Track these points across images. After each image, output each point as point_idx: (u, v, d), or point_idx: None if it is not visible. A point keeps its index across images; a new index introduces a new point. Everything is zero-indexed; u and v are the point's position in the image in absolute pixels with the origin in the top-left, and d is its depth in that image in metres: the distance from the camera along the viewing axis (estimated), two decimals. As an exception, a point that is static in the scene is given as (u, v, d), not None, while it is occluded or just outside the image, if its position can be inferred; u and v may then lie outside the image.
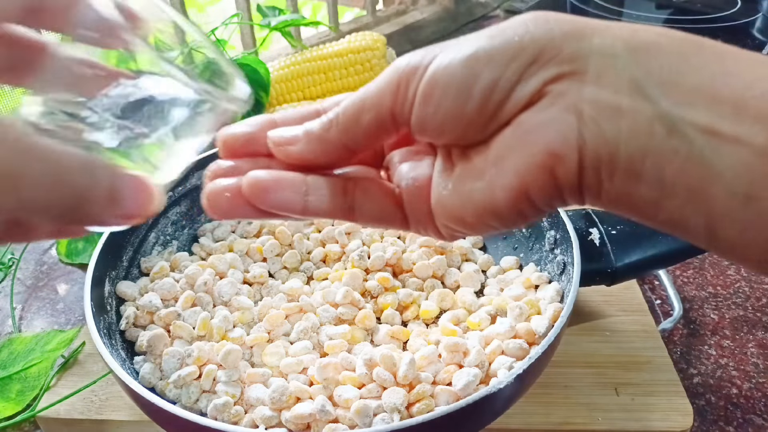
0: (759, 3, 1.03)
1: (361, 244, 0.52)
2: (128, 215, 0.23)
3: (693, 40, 0.22)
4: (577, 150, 0.22)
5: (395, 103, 0.25)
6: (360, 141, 0.26)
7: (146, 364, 0.42)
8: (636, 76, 0.21)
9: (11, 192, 0.20)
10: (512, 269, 0.51)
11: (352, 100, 0.26)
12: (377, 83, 0.25)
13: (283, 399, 0.38)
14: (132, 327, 0.45)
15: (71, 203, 0.21)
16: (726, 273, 0.59)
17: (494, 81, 0.23)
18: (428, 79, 0.24)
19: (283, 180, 0.27)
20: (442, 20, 1.17)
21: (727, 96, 0.20)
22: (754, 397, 0.47)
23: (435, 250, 0.52)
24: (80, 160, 0.21)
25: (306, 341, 0.44)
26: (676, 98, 0.21)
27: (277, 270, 0.52)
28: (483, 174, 0.24)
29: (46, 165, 0.20)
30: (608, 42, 0.22)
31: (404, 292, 0.48)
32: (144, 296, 0.46)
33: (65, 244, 0.64)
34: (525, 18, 0.23)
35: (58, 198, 0.21)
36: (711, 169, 0.20)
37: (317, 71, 0.79)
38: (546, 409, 0.43)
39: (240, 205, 0.27)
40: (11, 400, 0.46)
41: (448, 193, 0.26)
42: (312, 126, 0.27)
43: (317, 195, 0.27)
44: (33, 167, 0.20)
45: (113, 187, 0.22)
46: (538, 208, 0.24)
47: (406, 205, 0.28)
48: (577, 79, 0.22)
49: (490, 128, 0.24)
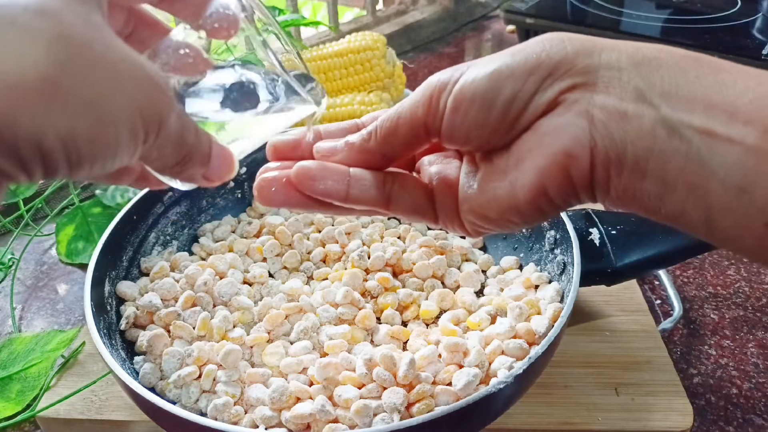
0: (759, 3, 1.03)
1: (361, 244, 0.52)
2: (212, 178, 0.28)
3: (692, 55, 0.25)
4: (589, 150, 0.25)
5: (428, 114, 0.28)
6: (396, 149, 0.30)
7: (146, 364, 0.42)
8: (639, 86, 0.24)
9: (152, 133, 0.23)
10: (512, 269, 0.51)
11: (389, 114, 0.29)
12: (412, 98, 0.29)
13: (283, 399, 0.38)
14: (132, 327, 0.45)
15: (181, 158, 0.26)
16: (726, 273, 0.59)
17: (515, 92, 0.26)
18: (456, 92, 0.27)
19: (329, 170, 0.30)
20: (442, 20, 1.17)
21: (721, 103, 0.23)
22: (754, 397, 0.47)
23: (435, 250, 0.52)
24: (195, 125, 0.26)
25: (306, 341, 0.44)
26: (676, 105, 0.23)
27: (277, 270, 0.52)
28: (505, 174, 0.27)
29: (180, 120, 0.25)
30: (614, 57, 0.25)
31: (404, 292, 0.48)
32: (144, 296, 0.46)
33: (65, 244, 0.64)
34: (543, 38, 0.27)
35: (176, 150, 0.25)
36: (708, 166, 0.23)
37: (317, 71, 0.79)
38: (546, 409, 0.43)
39: (287, 193, 0.30)
40: (11, 400, 0.46)
41: (474, 192, 0.29)
42: (353, 138, 0.31)
43: (359, 185, 0.30)
44: (172, 119, 0.24)
45: (209, 153, 0.27)
46: (555, 205, 0.27)
47: (437, 202, 0.31)
48: (588, 89, 0.25)
49: (511, 134, 0.27)
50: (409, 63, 1.02)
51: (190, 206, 0.56)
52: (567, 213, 0.46)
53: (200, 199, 0.57)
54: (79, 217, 0.65)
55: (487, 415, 0.37)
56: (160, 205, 0.53)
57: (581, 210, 0.48)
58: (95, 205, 0.65)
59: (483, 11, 1.23)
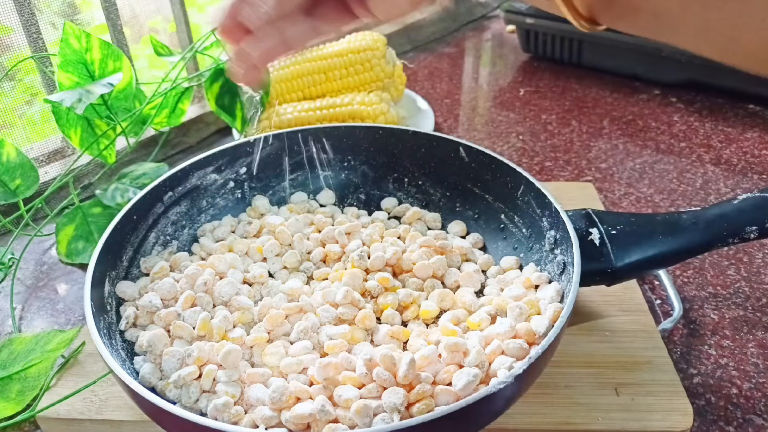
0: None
1: (361, 244, 0.52)
2: None
3: None
4: None
5: None
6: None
7: (146, 364, 0.42)
8: None
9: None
10: (512, 269, 0.51)
11: None
12: None
13: (283, 399, 0.38)
14: (132, 327, 0.45)
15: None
16: (726, 273, 0.59)
17: None
18: None
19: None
20: (442, 20, 1.17)
21: None
22: (754, 397, 0.47)
23: (435, 250, 0.52)
24: None
25: (306, 341, 0.44)
26: None
27: (277, 270, 0.52)
28: None
29: None
30: None
31: (404, 292, 0.48)
32: (144, 296, 0.46)
33: (65, 244, 0.64)
34: None
35: None
36: None
37: (317, 71, 0.79)
38: (546, 409, 0.43)
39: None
40: (11, 400, 0.46)
41: None
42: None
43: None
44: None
45: None
46: None
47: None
48: None
49: None
50: (409, 63, 1.02)
51: (190, 206, 0.56)
52: (567, 213, 0.46)
53: (200, 199, 0.57)
54: (79, 217, 0.65)
55: (487, 415, 0.37)
56: (160, 205, 0.53)
57: (581, 210, 0.48)
58: (95, 205, 0.65)
59: (483, 11, 1.23)
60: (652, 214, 0.48)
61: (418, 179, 0.60)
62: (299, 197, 0.60)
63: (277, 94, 0.78)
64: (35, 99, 0.74)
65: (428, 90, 0.98)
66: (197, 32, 0.84)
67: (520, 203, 0.52)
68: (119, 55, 0.65)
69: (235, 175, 0.58)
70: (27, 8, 0.67)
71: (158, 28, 0.97)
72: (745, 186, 0.72)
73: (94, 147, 0.67)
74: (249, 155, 0.58)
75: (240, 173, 0.58)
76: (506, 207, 0.54)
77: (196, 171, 0.56)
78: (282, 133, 0.59)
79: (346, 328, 0.44)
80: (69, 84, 0.64)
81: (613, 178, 0.74)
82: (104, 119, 0.66)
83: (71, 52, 0.62)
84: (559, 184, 0.71)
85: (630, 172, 0.75)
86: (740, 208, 0.45)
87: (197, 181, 0.56)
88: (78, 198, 0.67)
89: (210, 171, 0.57)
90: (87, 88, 0.62)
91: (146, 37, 0.82)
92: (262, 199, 0.59)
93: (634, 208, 0.69)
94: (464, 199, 0.57)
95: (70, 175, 0.68)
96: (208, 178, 0.57)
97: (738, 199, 0.46)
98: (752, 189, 0.71)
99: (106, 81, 0.62)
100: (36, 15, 0.68)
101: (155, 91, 0.70)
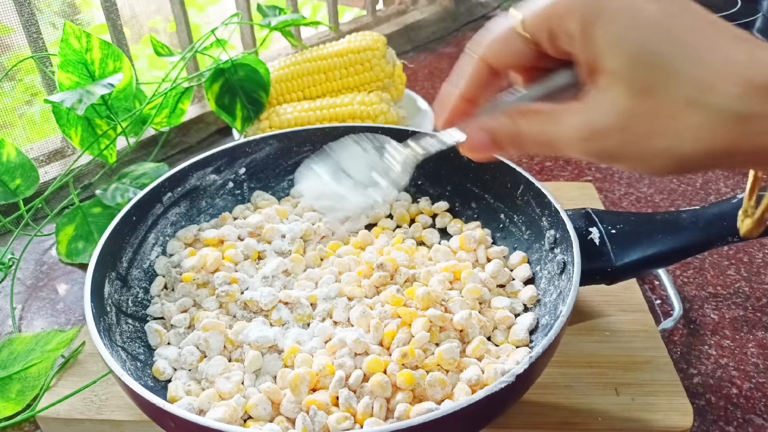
0: (759, 3, 1.03)
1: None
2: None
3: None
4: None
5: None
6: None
7: (170, 349, 0.44)
8: None
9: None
10: (522, 264, 0.50)
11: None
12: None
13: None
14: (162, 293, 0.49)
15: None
16: (726, 273, 0.59)
17: None
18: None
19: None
20: (442, 20, 1.17)
21: None
22: (754, 397, 0.47)
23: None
24: None
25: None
26: None
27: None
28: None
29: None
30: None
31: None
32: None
33: (65, 244, 0.64)
34: None
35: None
36: None
37: (317, 71, 0.79)
38: (546, 409, 0.43)
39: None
40: (11, 400, 0.46)
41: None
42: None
43: None
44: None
45: None
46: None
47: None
48: None
49: None
50: (409, 63, 1.02)
51: (189, 207, 0.56)
52: (567, 213, 0.46)
53: (199, 199, 0.57)
54: (79, 217, 0.65)
55: (487, 415, 0.37)
56: (159, 205, 0.53)
57: (581, 209, 0.48)
58: (95, 205, 0.65)
59: (483, 11, 1.23)
60: (652, 214, 0.48)
61: (418, 179, 0.60)
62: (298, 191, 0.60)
63: (277, 94, 0.78)
64: (35, 99, 0.74)
65: (428, 90, 0.98)
66: (197, 32, 0.84)
67: (520, 203, 0.52)
68: (119, 55, 0.65)
69: (235, 176, 0.58)
70: (27, 8, 0.67)
71: (158, 28, 0.97)
72: (745, 186, 0.72)
73: (95, 147, 0.67)
74: (248, 155, 0.58)
75: (239, 173, 0.58)
76: (506, 206, 0.54)
77: (196, 171, 0.56)
78: (282, 134, 0.59)
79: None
80: (69, 84, 0.64)
81: (613, 177, 0.74)
82: (104, 119, 0.67)
83: (71, 52, 0.62)
84: (559, 183, 0.71)
85: (630, 172, 0.75)
86: (739, 207, 0.45)
87: (196, 182, 0.56)
88: (78, 198, 0.67)
89: (209, 171, 0.57)
90: (87, 88, 0.62)
91: (146, 37, 0.82)
92: (263, 194, 0.59)
93: (634, 208, 0.69)
94: (464, 199, 0.57)
95: (70, 175, 0.68)
96: (208, 178, 0.57)
97: (737, 198, 0.46)
98: (752, 189, 0.71)
99: (106, 81, 0.62)
100: (36, 15, 0.68)
101: (155, 91, 0.70)
